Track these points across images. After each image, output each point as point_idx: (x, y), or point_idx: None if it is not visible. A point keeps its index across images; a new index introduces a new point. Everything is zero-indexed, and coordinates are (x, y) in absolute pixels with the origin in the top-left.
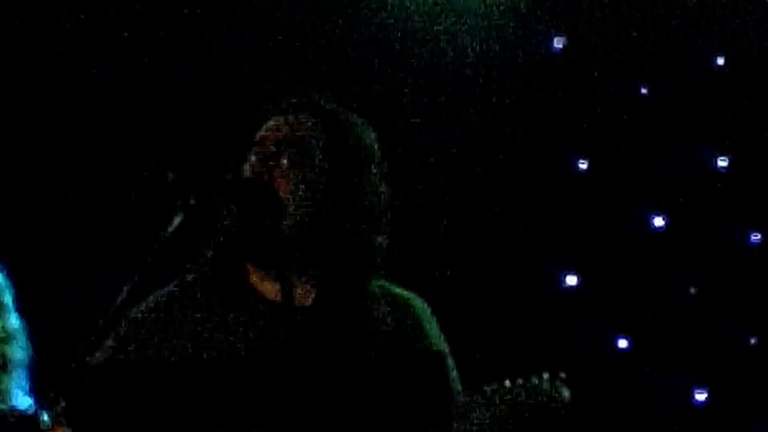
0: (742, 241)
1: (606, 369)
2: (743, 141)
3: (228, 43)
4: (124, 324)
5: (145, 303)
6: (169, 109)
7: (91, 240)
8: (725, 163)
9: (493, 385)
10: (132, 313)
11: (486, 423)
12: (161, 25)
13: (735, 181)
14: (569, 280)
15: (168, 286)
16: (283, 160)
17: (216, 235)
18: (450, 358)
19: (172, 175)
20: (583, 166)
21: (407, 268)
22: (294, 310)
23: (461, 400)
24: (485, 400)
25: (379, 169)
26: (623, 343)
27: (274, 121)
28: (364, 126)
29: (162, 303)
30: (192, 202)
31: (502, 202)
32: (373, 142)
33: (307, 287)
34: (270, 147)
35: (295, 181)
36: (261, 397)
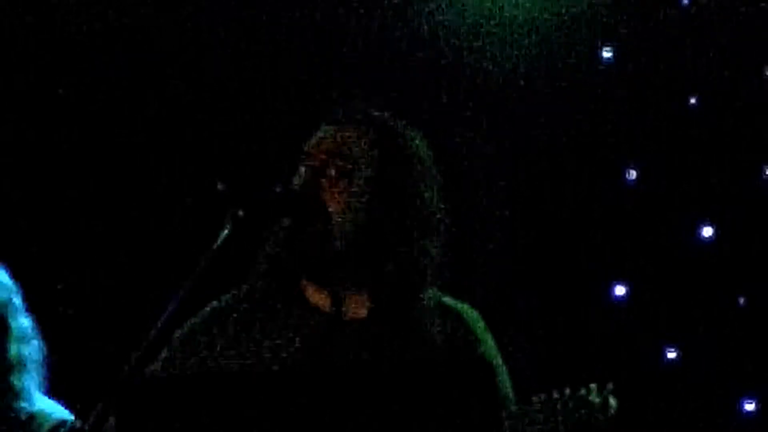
0: None
1: (655, 380)
2: None
3: (279, 55)
4: (178, 337)
5: (199, 315)
6: (220, 121)
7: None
8: None
9: (542, 396)
10: (186, 326)
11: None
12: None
13: None
14: (618, 290)
15: (222, 298)
16: (332, 171)
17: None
18: (503, 367)
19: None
20: (632, 176)
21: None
22: (348, 323)
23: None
24: (534, 411)
25: (431, 178)
26: (672, 353)
27: (323, 133)
28: (414, 135)
29: (216, 316)
30: (241, 214)
31: (551, 213)
32: (424, 152)
33: (361, 299)
34: (320, 158)
35: (344, 192)
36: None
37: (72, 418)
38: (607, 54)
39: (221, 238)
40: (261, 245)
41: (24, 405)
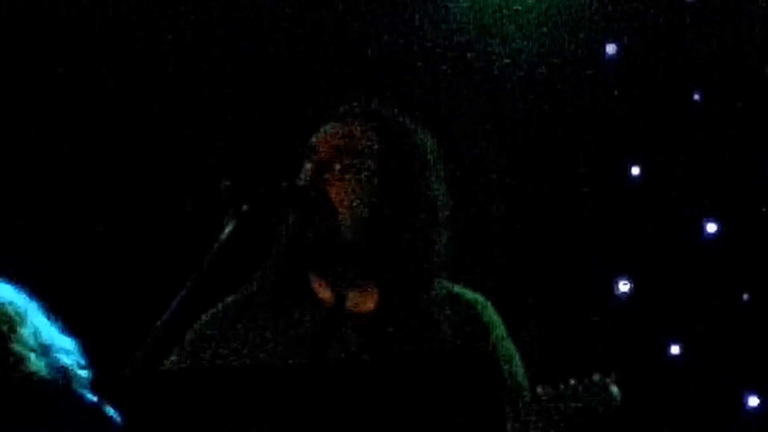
0: None
1: (658, 375)
2: None
3: (285, 52)
4: (190, 334)
5: (210, 313)
6: (225, 117)
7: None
8: None
9: (547, 388)
10: (197, 324)
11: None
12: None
13: None
14: (622, 286)
15: (233, 295)
16: (337, 166)
17: (276, 245)
18: (517, 357)
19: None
20: (636, 172)
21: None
22: (356, 317)
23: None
24: (538, 402)
25: (436, 170)
26: (675, 349)
27: (328, 128)
28: (419, 130)
29: (227, 313)
30: (245, 209)
31: (555, 209)
32: (428, 145)
33: (370, 292)
34: (325, 154)
35: (350, 186)
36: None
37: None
38: (611, 50)
39: (226, 234)
40: (269, 242)
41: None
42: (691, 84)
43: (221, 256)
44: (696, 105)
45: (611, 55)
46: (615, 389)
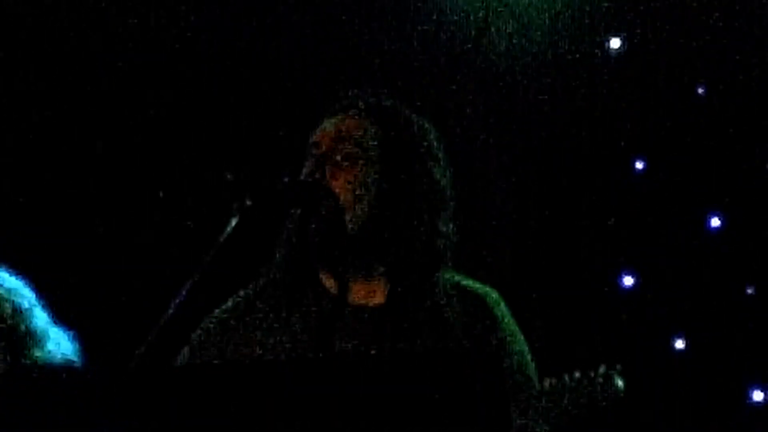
0: None
1: (663, 370)
2: None
3: (286, 48)
4: (198, 332)
5: (221, 309)
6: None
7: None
8: None
9: (552, 380)
10: (206, 321)
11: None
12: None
13: None
14: (626, 280)
15: (242, 291)
16: (338, 157)
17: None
18: (525, 350)
19: (230, 177)
20: (640, 166)
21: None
22: (364, 310)
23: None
24: (544, 394)
25: (438, 159)
26: (680, 343)
27: (327, 121)
28: (419, 118)
29: (236, 307)
30: (249, 203)
31: (559, 203)
32: (429, 135)
33: (378, 285)
34: (325, 146)
35: (352, 176)
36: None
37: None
38: (615, 44)
39: (229, 229)
40: (273, 237)
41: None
42: (695, 78)
43: (225, 251)
44: (700, 99)
45: (615, 49)
46: (620, 382)
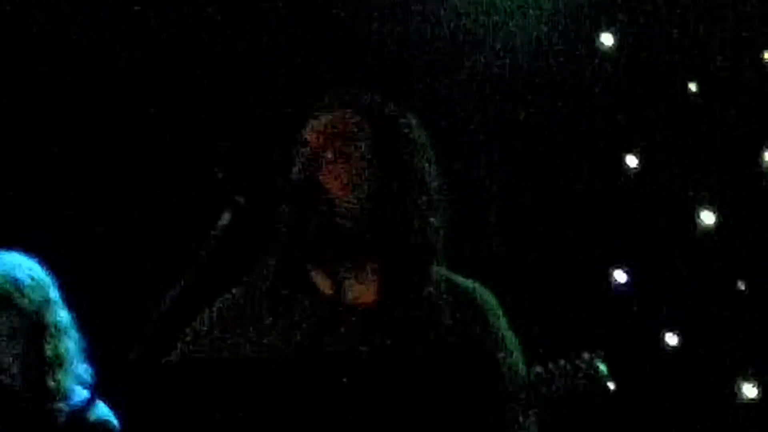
0: None
1: (655, 365)
2: None
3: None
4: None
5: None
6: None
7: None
8: None
9: (538, 367)
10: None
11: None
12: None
13: None
14: (619, 276)
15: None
16: (329, 154)
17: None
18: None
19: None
20: (632, 162)
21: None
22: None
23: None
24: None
25: (427, 153)
26: (672, 339)
27: (317, 118)
28: (408, 117)
29: (228, 305)
30: (241, 201)
31: (552, 199)
32: (418, 132)
33: (371, 283)
34: (315, 143)
35: (344, 172)
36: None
37: (111, 417)
38: (607, 40)
39: (221, 226)
40: (264, 235)
41: (61, 405)
42: (688, 74)
43: (217, 249)
44: (692, 95)
45: (607, 44)
46: (603, 366)
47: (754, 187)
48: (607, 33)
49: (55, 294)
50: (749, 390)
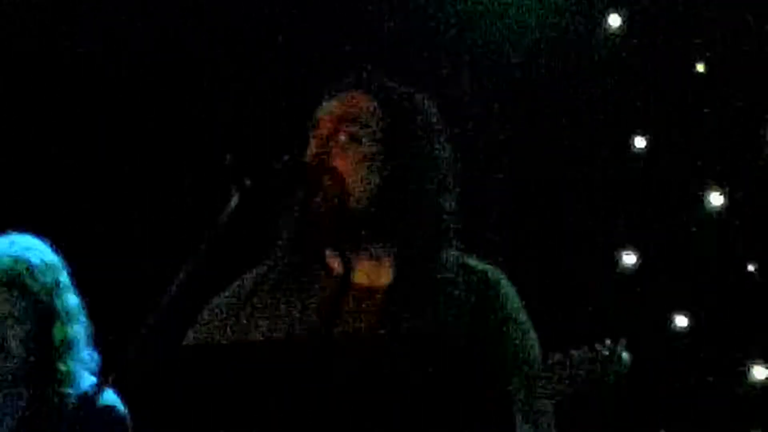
0: None
1: (665, 348)
2: None
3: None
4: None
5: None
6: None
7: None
8: None
9: (558, 355)
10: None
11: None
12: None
13: None
14: (628, 258)
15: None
16: (342, 137)
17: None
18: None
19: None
20: (640, 144)
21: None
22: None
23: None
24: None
25: (440, 136)
26: (681, 321)
27: (329, 101)
28: (421, 98)
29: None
30: (248, 184)
31: (559, 181)
32: (431, 112)
33: (384, 265)
34: (328, 126)
35: (356, 155)
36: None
37: (118, 403)
38: (614, 21)
39: (229, 209)
40: (273, 217)
41: (70, 391)
42: (696, 54)
43: (225, 232)
44: (700, 76)
45: (614, 25)
46: (625, 355)
47: (764, 168)
48: (614, 14)
49: (65, 278)
50: (760, 372)
